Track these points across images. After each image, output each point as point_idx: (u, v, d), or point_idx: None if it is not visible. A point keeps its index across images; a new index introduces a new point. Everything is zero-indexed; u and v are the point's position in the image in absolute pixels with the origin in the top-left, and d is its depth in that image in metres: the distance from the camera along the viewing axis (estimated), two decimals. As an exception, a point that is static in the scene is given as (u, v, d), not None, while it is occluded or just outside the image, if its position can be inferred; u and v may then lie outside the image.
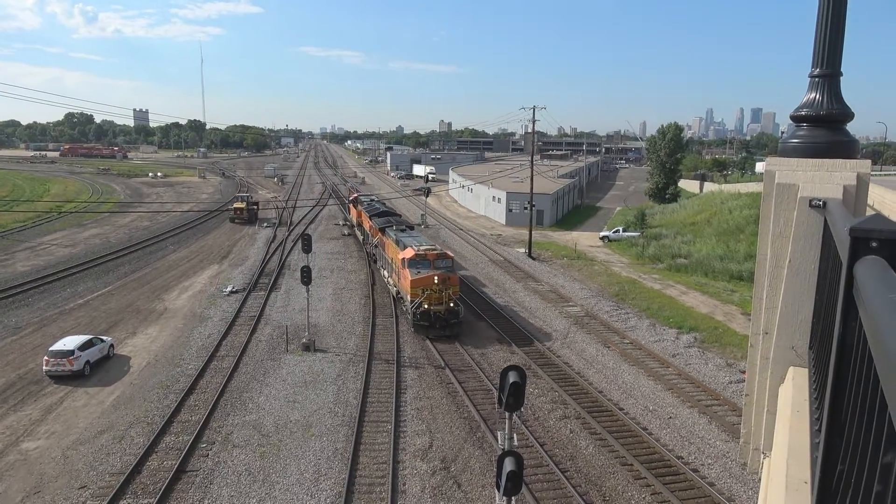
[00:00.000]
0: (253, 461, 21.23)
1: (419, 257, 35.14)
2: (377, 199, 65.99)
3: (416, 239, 40.41)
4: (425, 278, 33.61)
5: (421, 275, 33.79)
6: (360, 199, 63.90)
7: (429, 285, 33.41)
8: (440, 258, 35.97)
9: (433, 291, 33.30)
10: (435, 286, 33.41)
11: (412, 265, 34.66)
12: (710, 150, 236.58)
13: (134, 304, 39.56)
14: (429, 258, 35.26)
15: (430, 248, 37.09)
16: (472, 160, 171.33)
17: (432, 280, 33.50)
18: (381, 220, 47.96)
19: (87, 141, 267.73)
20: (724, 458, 21.63)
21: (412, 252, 35.44)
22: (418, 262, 34.86)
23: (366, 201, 61.59)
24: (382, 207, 56.45)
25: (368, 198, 66.39)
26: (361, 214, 57.47)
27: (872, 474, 1.61)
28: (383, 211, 53.60)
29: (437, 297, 33.29)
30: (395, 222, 46.15)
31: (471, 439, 22.84)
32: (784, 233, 5.11)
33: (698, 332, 35.00)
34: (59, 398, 26.03)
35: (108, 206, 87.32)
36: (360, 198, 64.95)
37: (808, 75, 5.44)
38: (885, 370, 1.44)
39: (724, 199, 74.36)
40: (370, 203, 60.17)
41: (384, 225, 45.18)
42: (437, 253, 36.33)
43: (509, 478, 12.97)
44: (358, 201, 63.93)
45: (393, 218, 48.84)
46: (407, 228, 44.79)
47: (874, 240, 2.08)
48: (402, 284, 36.07)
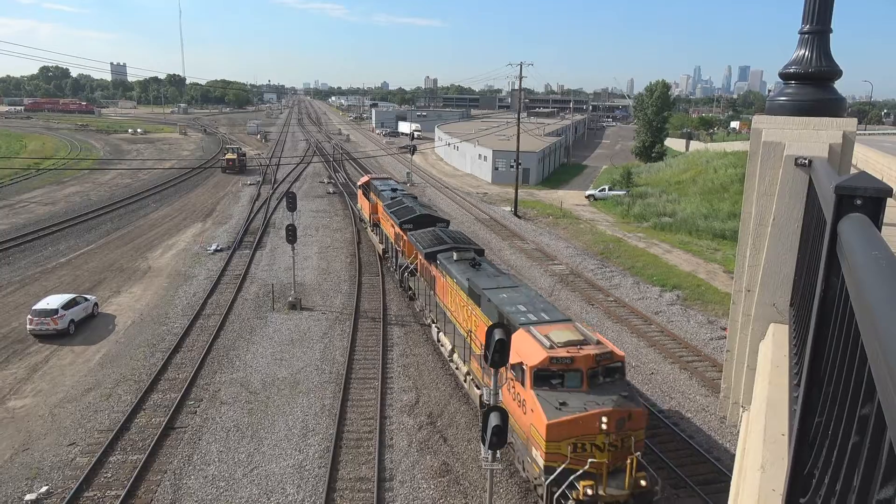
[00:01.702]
0: (241, 417, 21.46)
1: (558, 364, 16.23)
2: (401, 188, 44.52)
3: (518, 294, 20.56)
4: (582, 420, 15.44)
5: (570, 412, 15.54)
6: (374, 184, 43.96)
7: (590, 435, 15.43)
8: (602, 360, 16.53)
9: (600, 449, 15.39)
10: (604, 439, 15.39)
11: (542, 381, 16.22)
12: (697, 108, 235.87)
13: (117, 263, 39.25)
14: (578, 364, 16.23)
15: (576, 338, 17.05)
16: (458, 117, 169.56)
17: (596, 425, 15.31)
18: (426, 236, 28.79)
19: (64, 95, 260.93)
20: (704, 413, 22.19)
21: (540, 354, 16.33)
22: (554, 376, 16.24)
23: (384, 189, 41.49)
24: (416, 206, 35.64)
25: (387, 184, 44.71)
26: (379, 210, 39.33)
27: (850, 426, 1.65)
28: (423, 215, 33.01)
29: (608, 462, 15.29)
30: (447, 238, 27.74)
31: (456, 395, 23.20)
32: (769, 191, 5.14)
33: (681, 290, 35.47)
34: (45, 357, 26.00)
35: (87, 163, 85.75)
36: (374, 182, 44.65)
37: (797, 32, 5.40)
38: (865, 324, 1.47)
39: (710, 157, 74.45)
40: (393, 194, 39.60)
41: (433, 247, 26.64)
42: (595, 352, 16.50)
43: (494, 432, 13.25)
44: (370, 188, 44.11)
45: (443, 231, 29.72)
46: (477, 256, 25.10)
47: (859, 197, 2.10)
48: (518, 419, 16.93)
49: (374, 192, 42.64)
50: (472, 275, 22.68)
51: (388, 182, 46.57)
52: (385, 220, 37.01)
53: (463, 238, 29.23)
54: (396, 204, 36.27)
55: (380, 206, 39.31)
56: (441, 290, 25.35)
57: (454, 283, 23.37)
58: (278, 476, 18.31)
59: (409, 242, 30.48)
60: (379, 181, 46.00)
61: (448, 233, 29.56)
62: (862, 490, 1.44)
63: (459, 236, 29.47)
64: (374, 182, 45.03)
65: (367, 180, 47.34)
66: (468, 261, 24.50)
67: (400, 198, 38.27)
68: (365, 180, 48.54)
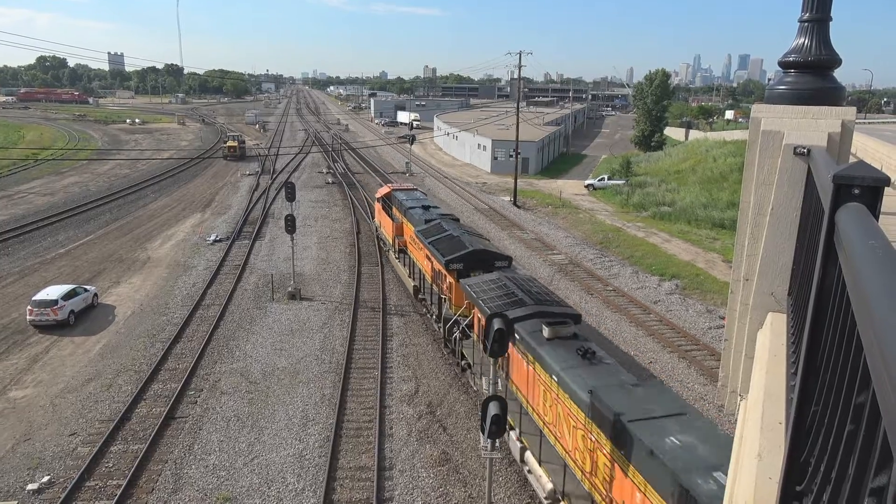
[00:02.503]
0: (241, 407, 21.53)
1: None
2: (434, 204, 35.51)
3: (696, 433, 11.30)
4: None
5: None
6: (398, 198, 34.87)
7: None
8: None
9: None
10: None
11: None
12: (696, 97, 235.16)
13: (116, 254, 39.24)
14: None
15: None
16: (457, 107, 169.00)
17: None
18: (488, 287, 20.47)
19: (62, 85, 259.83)
20: (702, 401, 22.27)
21: None
22: None
23: (412, 206, 32.61)
24: (463, 235, 26.85)
25: (414, 198, 35.24)
26: (408, 234, 31.14)
27: (846, 414, 1.66)
28: (476, 251, 24.78)
29: None
30: (522, 292, 19.44)
31: (456, 384, 23.28)
32: (768, 180, 5.13)
33: (680, 279, 35.51)
34: (45, 347, 26.04)
35: (85, 153, 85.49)
36: (397, 195, 35.46)
37: (797, 20, 5.37)
38: (861, 313, 1.47)
39: (709, 146, 74.31)
40: (427, 214, 31.09)
41: (503, 307, 17.99)
42: None
43: (494, 421, 13.32)
44: (393, 202, 35.48)
45: (512, 278, 21.16)
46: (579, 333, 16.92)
47: (857, 186, 2.10)
48: None
49: (398, 209, 34.12)
50: (593, 378, 13.79)
51: (413, 194, 36.71)
52: (417, 250, 29.04)
53: (543, 291, 20.51)
54: (435, 230, 27.90)
55: (408, 228, 31.21)
56: (523, 380, 16.71)
57: (554, 383, 14.66)
58: (279, 465, 18.40)
59: (459, 290, 22.82)
60: (403, 193, 36.47)
61: (520, 282, 20.54)
62: (857, 478, 1.45)
63: (537, 288, 20.56)
64: (398, 195, 35.69)
65: (388, 192, 37.78)
66: (573, 344, 15.49)
67: (437, 220, 29.55)
68: (385, 192, 38.55)
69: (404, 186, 41.70)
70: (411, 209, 32.30)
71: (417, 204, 33.39)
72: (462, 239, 26.20)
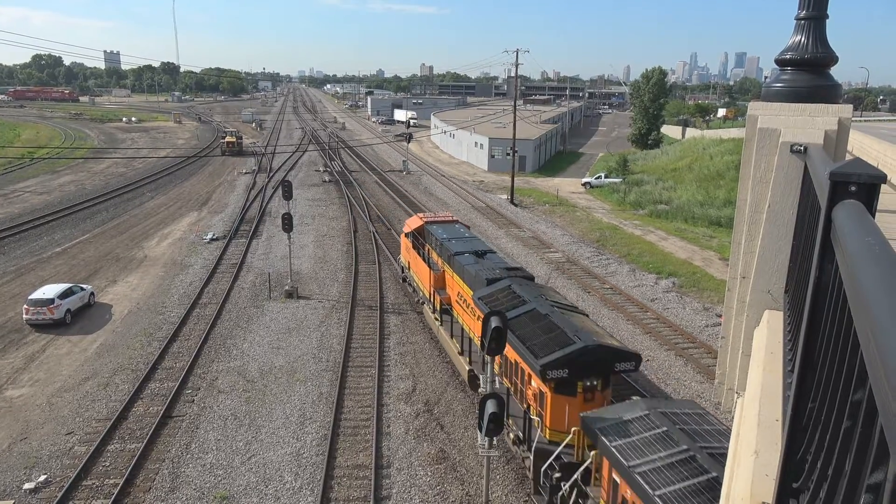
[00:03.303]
0: (239, 406, 21.51)
1: None
2: (487, 247, 26.02)
3: None
4: None
5: None
6: (436, 234, 26.87)
7: None
8: None
9: None
10: None
11: None
12: (693, 95, 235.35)
13: (113, 252, 39.15)
14: None
15: None
16: (454, 105, 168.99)
17: None
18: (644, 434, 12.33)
19: (58, 84, 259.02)
20: (699, 399, 22.29)
21: None
22: None
23: (460, 250, 24.49)
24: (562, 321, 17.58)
25: (458, 235, 26.89)
26: (456, 290, 23.53)
27: (842, 411, 1.67)
28: (589, 349, 15.79)
29: None
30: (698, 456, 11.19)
31: (453, 383, 23.28)
32: (764, 178, 5.14)
33: (677, 278, 35.56)
34: (42, 346, 25.98)
35: (82, 152, 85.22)
36: (434, 231, 27.39)
37: (794, 18, 5.38)
38: (858, 310, 1.47)
39: (706, 145, 74.44)
40: (481, 264, 23.12)
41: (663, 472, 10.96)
42: None
43: (491, 419, 13.32)
44: (427, 239, 28.18)
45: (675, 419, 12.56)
46: None
47: (853, 184, 2.10)
48: None
49: (437, 251, 25.96)
50: None
51: (455, 230, 27.38)
52: (473, 319, 20.67)
53: None
54: (507, 299, 19.36)
55: (456, 283, 23.02)
56: None
57: None
58: (276, 464, 18.38)
59: (560, 406, 15.76)
60: (441, 228, 27.32)
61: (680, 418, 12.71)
62: (853, 475, 1.45)
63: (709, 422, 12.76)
64: (435, 231, 26.92)
65: (421, 226, 28.85)
66: None
67: (506, 282, 20.61)
68: (416, 225, 29.48)
69: (440, 217, 31.04)
70: (459, 255, 23.49)
71: (466, 247, 24.71)
72: (557, 322, 17.21)
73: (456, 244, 25.31)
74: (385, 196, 58.06)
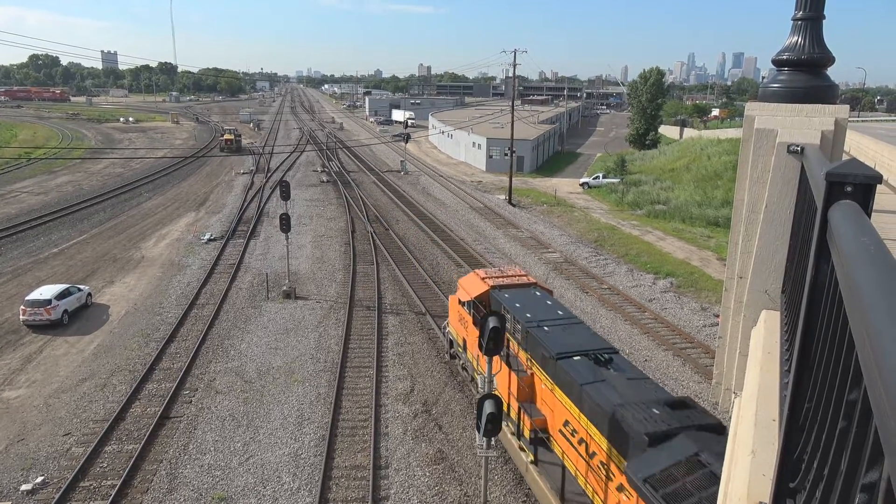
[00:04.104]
0: (236, 407, 21.49)
1: None
2: (605, 345, 16.22)
3: None
4: None
5: None
6: (510, 304, 18.38)
7: None
8: None
9: None
10: None
11: None
12: (691, 95, 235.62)
13: (110, 253, 39.08)
14: None
15: None
16: (452, 105, 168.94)
17: None
18: None
19: (55, 84, 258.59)
20: (697, 398, 22.26)
21: None
22: None
23: (572, 354, 15.14)
24: None
25: (550, 314, 17.81)
26: (552, 402, 15.38)
27: (838, 411, 1.67)
28: None
29: None
30: None
31: (451, 383, 23.27)
32: (762, 178, 5.15)
33: (675, 278, 35.59)
34: (39, 347, 25.92)
35: (79, 152, 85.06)
36: (505, 299, 18.87)
37: (791, 18, 5.39)
38: (853, 310, 1.48)
39: (704, 145, 74.52)
40: (597, 365, 14.64)
41: None
42: None
43: (489, 419, 13.33)
44: (492, 304, 19.42)
45: None
46: None
47: (849, 184, 2.11)
48: None
49: (521, 343, 17.59)
50: None
51: (540, 302, 19.02)
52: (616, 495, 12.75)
53: None
54: (701, 482, 10.26)
55: (564, 407, 14.91)
56: None
57: None
58: (274, 464, 18.37)
59: None
60: (519, 298, 19.05)
61: None
62: (849, 474, 1.46)
63: None
64: (510, 303, 18.65)
65: (485, 292, 20.23)
66: None
67: (684, 441, 11.35)
68: (479, 291, 20.51)
69: (509, 276, 21.61)
70: (565, 359, 14.99)
71: (570, 340, 15.96)
72: None
73: (553, 335, 16.30)
74: (383, 196, 58.05)
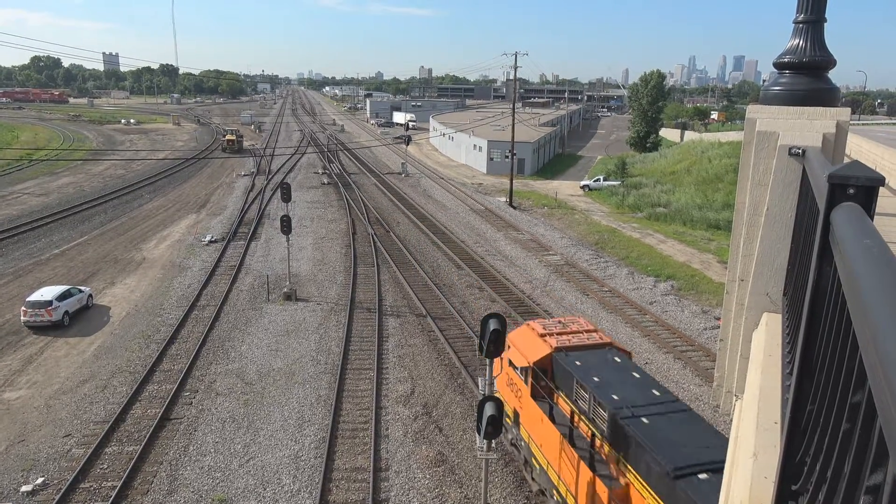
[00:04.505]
0: (237, 408, 21.47)
1: None
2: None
3: None
4: None
5: None
6: (574, 373, 14.77)
7: None
8: None
9: None
10: None
11: None
12: (691, 98, 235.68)
13: (111, 254, 39.10)
14: None
15: None
16: (452, 107, 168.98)
17: None
18: None
19: (56, 86, 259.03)
20: (698, 401, 22.31)
21: None
22: None
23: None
24: None
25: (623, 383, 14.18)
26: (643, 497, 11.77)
27: (841, 414, 1.67)
28: None
29: None
30: None
31: (452, 385, 23.26)
32: (763, 181, 5.15)
33: (675, 280, 35.57)
34: (39, 348, 25.93)
35: (80, 153, 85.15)
36: (560, 358, 15.72)
37: (792, 21, 5.39)
38: (857, 312, 1.47)
39: (705, 147, 74.49)
40: None
41: None
42: None
43: (489, 422, 13.31)
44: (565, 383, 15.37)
45: None
46: None
47: (851, 186, 2.10)
48: None
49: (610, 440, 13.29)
50: None
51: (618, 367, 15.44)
52: None
53: None
54: None
55: None
56: None
57: None
58: (274, 466, 18.35)
59: None
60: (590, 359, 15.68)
61: None
62: (852, 477, 1.45)
63: None
64: (581, 369, 15.05)
65: (549, 354, 16.37)
66: None
67: None
68: (540, 355, 16.54)
69: (573, 331, 17.85)
70: (688, 478, 11.06)
71: (690, 446, 11.93)
72: None
73: (658, 432, 12.40)
74: (384, 198, 58.08)
